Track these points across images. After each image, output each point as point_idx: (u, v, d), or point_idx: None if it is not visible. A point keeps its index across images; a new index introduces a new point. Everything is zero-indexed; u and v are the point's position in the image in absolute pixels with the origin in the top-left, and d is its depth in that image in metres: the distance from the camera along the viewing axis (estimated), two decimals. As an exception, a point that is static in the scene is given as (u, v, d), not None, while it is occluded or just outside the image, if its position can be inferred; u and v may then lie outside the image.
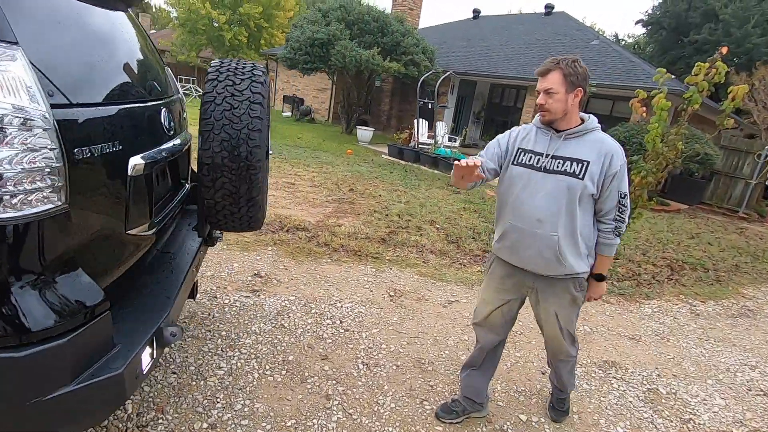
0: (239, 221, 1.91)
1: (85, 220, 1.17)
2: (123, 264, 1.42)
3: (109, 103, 1.28)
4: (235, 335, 2.63)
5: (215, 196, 1.78)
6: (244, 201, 1.82)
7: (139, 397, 2.02)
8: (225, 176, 1.74)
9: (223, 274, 3.43)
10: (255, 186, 1.80)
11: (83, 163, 1.13)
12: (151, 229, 1.56)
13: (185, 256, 1.87)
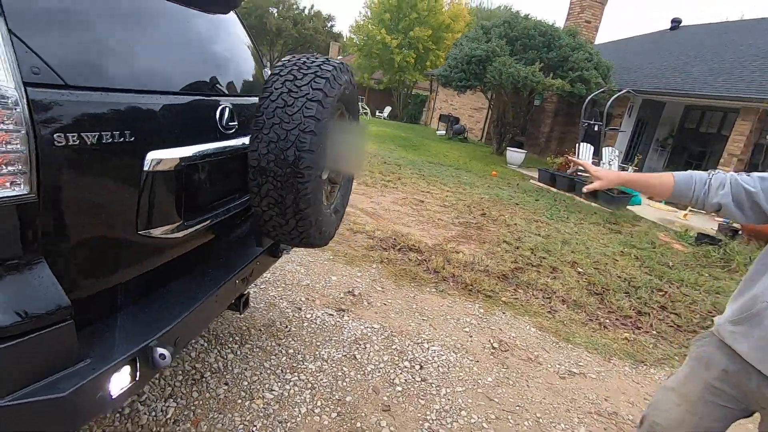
0: (290, 235, 1.67)
1: (69, 214, 1.05)
2: (133, 266, 1.29)
3: (125, 91, 1.16)
4: (301, 356, 2.43)
5: (261, 203, 1.57)
6: (290, 213, 1.57)
7: (184, 402, 1.95)
8: (270, 182, 1.51)
9: (318, 285, 3.32)
10: (303, 197, 1.53)
11: (71, 151, 1.00)
12: (181, 231, 1.41)
13: (230, 265, 1.72)
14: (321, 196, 1.69)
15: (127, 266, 1.26)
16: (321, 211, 1.71)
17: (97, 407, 1.07)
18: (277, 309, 2.87)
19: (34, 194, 0.95)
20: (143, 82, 1.23)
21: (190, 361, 2.22)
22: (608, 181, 1.53)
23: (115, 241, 1.20)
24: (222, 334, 2.49)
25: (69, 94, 1.01)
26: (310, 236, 1.69)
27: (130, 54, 1.22)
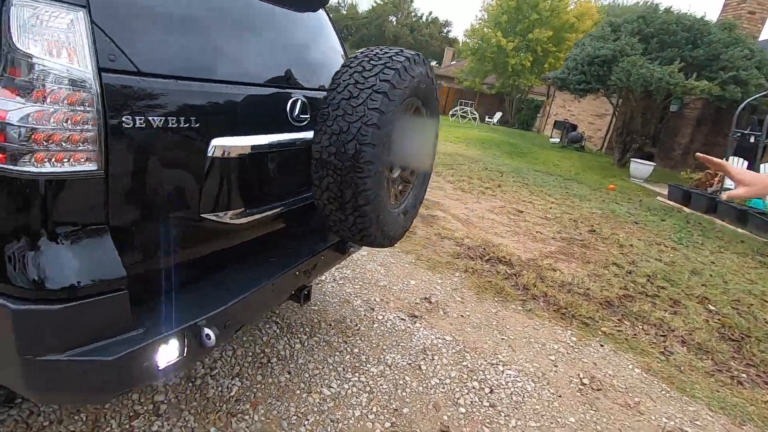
0: (349, 232, 1.63)
1: (133, 191, 1.13)
2: (194, 247, 1.36)
3: (192, 79, 1.21)
4: (365, 357, 2.39)
5: (322, 197, 1.55)
6: (350, 208, 1.52)
7: (248, 383, 2.04)
8: (330, 176, 1.48)
9: (396, 288, 3.26)
10: (362, 193, 1.47)
11: (138, 133, 1.08)
12: (242, 218, 1.46)
13: (293, 256, 1.73)
14: (384, 193, 1.61)
15: (187, 247, 1.33)
16: (384, 209, 1.63)
17: (143, 375, 1.13)
18: (350, 306, 2.88)
19: (102, 171, 1.04)
20: (212, 71, 1.28)
21: (261, 344, 2.32)
22: (759, 187, 1.12)
23: (177, 221, 1.27)
24: (294, 323, 2.56)
25: (140, 80, 1.08)
26: (371, 235, 1.62)
27: (201, 44, 1.28)
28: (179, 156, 1.21)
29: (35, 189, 0.96)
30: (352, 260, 3.56)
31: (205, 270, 1.45)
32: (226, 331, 1.35)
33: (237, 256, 1.56)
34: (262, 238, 1.66)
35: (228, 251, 1.51)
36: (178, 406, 1.84)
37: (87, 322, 1.04)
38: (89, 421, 1.69)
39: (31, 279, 0.97)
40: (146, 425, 1.72)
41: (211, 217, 1.35)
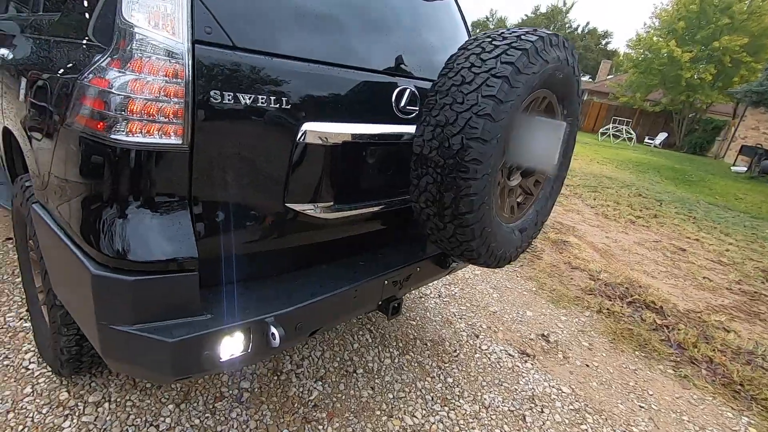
0: (448, 243, 1.39)
1: (216, 170, 1.09)
2: (274, 237, 1.28)
3: (288, 58, 1.14)
4: (459, 391, 2.09)
5: (419, 199, 1.35)
6: (449, 216, 1.29)
7: (329, 390, 1.93)
8: (430, 174, 1.27)
9: (508, 317, 2.86)
10: (464, 198, 1.23)
11: (225, 109, 1.03)
12: (330, 213, 1.34)
13: (385, 264, 1.56)
14: (494, 202, 1.33)
15: (267, 236, 1.26)
16: (492, 221, 1.35)
17: (202, 364, 1.07)
18: (451, 328, 2.60)
19: (187, 146, 1.01)
20: (309, 50, 1.19)
21: (350, 351, 2.21)
22: None
23: (259, 207, 1.21)
24: (388, 335, 2.40)
25: (233, 54, 1.04)
26: (472, 250, 1.36)
27: (301, 22, 1.20)
28: (267, 138, 1.14)
29: (126, 158, 0.97)
30: (462, 278, 3.27)
31: (283, 265, 1.37)
32: (296, 333, 1.24)
33: (320, 256, 1.46)
34: (350, 239, 1.53)
35: (311, 248, 1.41)
36: (260, 398, 1.82)
37: (156, 298, 1.02)
38: (182, 392, 1.77)
39: (114, 248, 0.97)
40: (227, 410, 1.73)
41: (297, 208, 1.26)
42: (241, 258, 1.21)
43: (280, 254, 1.34)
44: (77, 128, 1.00)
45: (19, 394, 1.63)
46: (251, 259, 1.25)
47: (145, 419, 1.62)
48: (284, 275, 1.35)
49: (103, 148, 0.96)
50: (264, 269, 1.31)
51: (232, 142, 1.08)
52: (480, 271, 3.46)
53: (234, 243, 1.18)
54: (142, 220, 1.00)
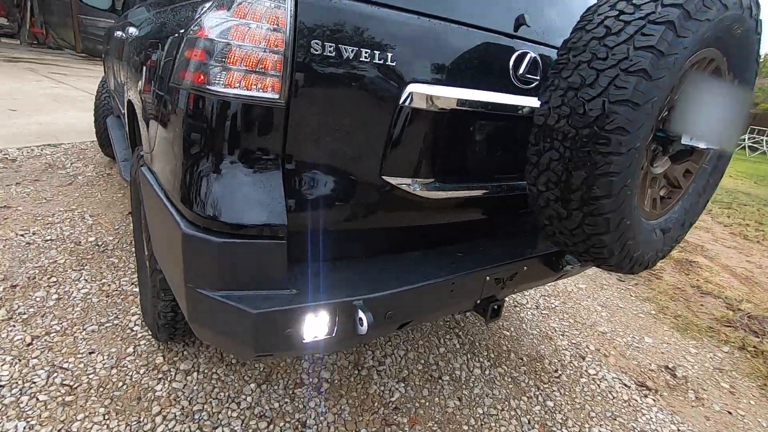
0: (572, 237, 1.14)
1: (311, 130, 0.99)
2: (367, 214, 1.15)
3: (400, 9, 1.00)
4: (562, 418, 1.79)
5: (538, 180, 1.13)
6: (576, 201, 1.05)
7: (412, 393, 1.77)
8: (555, 149, 1.05)
9: (621, 340, 2.44)
10: (600, 178, 0.99)
11: (325, 61, 0.93)
12: (430, 192, 1.18)
13: (487, 257, 1.36)
14: (635, 189, 1.06)
15: (359, 212, 1.13)
16: (631, 212, 1.08)
17: (283, 342, 0.98)
18: (551, 345, 2.28)
19: (283, 102, 0.93)
20: (421, 3, 1.04)
21: (436, 355, 2.02)
22: None
23: (353, 178, 1.09)
24: (478, 343, 2.17)
25: (337, 1, 0.93)
26: (603, 246, 1.10)
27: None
28: (368, 98, 1.02)
29: (223, 112, 0.91)
30: (563, 291, 2.89)
31: (374, 247, 1.23)
32: (385, 322, 1.10)
33: (414, 241, 1.30)
34: (448, 227, 1.35)
35: (405, 232, 1.26)
36: (339, 390, 1.72)
37: (243, 265, 0.95)
38: (264, 373, 1.74)
39: (204, 207, 0.92)
40: (306, 397, 1.66)
41: (394, 182, 1.12)
42: (329, 233, 1.11)
43: (371, 234, 1.21)
44: (179, 83, 0.97)
45: (122, 352, 1.73)
46: (340, 236, 1.14)
47: (228, 395, 1.61)
48: (374, 258, 1.22)
49: (201, 101, 0.92)
50: (353, 249, 1.19)
51: (330, 100, 0.98)
52: (585, 284, 3.04)
53: (323, 215, 1.07)
54: (234, 180, 0.94)
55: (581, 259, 1.23)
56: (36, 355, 1.65)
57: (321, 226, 1.07)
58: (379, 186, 1.11)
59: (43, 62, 9.23)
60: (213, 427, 1.48)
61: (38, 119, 4.75)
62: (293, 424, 1.54)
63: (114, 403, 1.51)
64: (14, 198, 2.92)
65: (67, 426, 1.40)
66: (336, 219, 1.09)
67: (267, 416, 1.56)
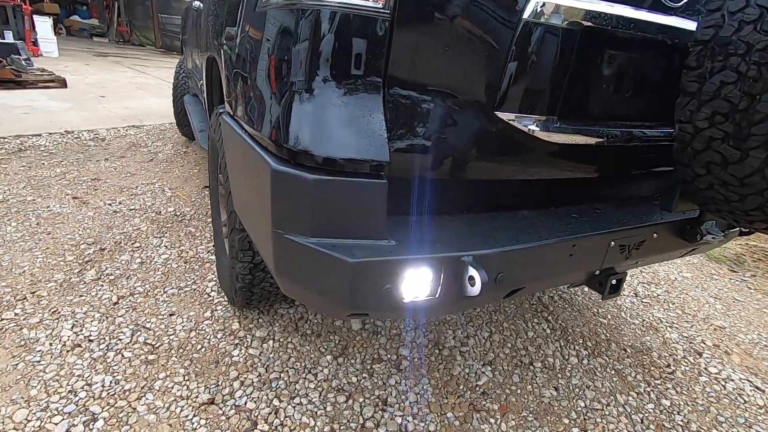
0: (740, 190, 0.89)
1: (419, 49, 0.83)
2: (478, 158, 0.98)
3: None
4: (683, 421, 1.51)
5: (697, 113, 0.89)
6: (759, 136, 0.80)
7: (501, 378, 1.58)
8: (731, 67, 0.81)
9: (744, 337, 2.07)
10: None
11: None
12: (550, 133, 0.98)
13: (610, 220, 1.13)
14: None
15: (467, 155, 0.96)
16: None
17: (381, 300, 0.84)
18: (659, 336, 1.97)
19: (388, 11, 0.78)
20: None
21: (524, 339, 1.81)
22: None
23: (462, 110, 0.91)
24: (572, 330, 1.92)
25: None
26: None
27: None
28: (485, 10, 0.84)
29: (316, 24, 0.78)
30: (665, 278, 2.53)
31: (486, 200, 1.06)
32: (495, 286, 0.92)
33: (530, 197, 1.11)
34: (568, 183, 1.14)
35: (521, 186, 1.07)
36: (420, 370, 1.58)
37: (338, 207, 0.82)
38: (340, 345, 1.64)
39: (295, 138, 0.80)
40: (386, 374, 1.54)
41: (509, 118, 0.93)
42: (435, 181, 0.95)
43: (481, 186, 1.03)
44: (266, 3, 0.85)
45: (200, 316, 1.71)
46: (446, 186, 0.97)
47: (304, 365, 1.53)
48: (481, 213, 1.05)
49: (292, 17, 0.79)
50: (458, 200, 1.03)
51: (441, 14, 0.81)
52: (690, 273, 2.65)
53: (428, 157, 0.91)
54: (328, 107, 0.81)
55: (746, 221, 0.97)
56: (121, 314, 1.67)
57: (427, 168, 0.91)
58: (492, 124, 0.93)
59: (128, 56, 9.96)
60: (290, 396, 1.40)
61: (124, 104, 5.06)
62: (373, 400, 1.42)
63: (193, 365, 1.47)
64: (103, 172, 3.09)
65: (150, 383, 1.38)
66: (442, 162, 0.93)
67: (345, 390, 1.45)
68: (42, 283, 1.80)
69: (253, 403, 1.36)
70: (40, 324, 1.58)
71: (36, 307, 1.66)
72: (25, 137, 3.71)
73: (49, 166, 3.12)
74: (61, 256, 2.01)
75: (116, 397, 1.32)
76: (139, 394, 1.34)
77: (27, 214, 2.36)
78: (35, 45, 8.02)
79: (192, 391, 1.37)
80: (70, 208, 2.50)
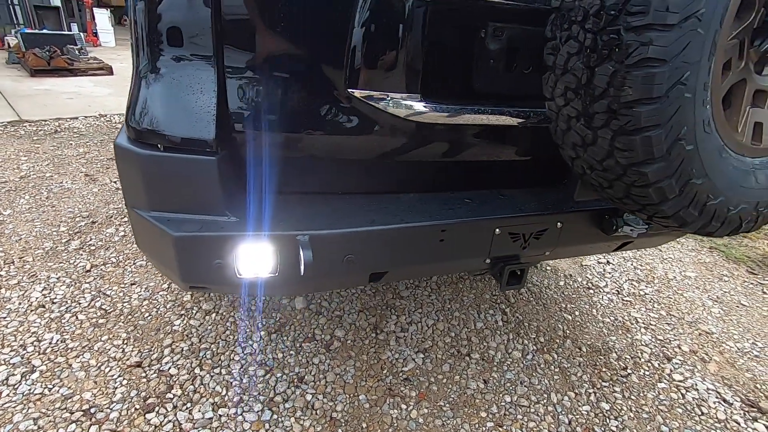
0: (604, 176, 0.81)
1: (254, 15, 0.82)
2: (338, 141, 0.96)
3: None
4: (615, 425, 1.41)
5: (555, 88, 0.81)
6: (601, 114, 0.72)
7: (431, 365, 1.56)
8: (574, 36, 0.73)
9: (732, 345, 1.87)
10: (636, 73, 0.65)
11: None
12: (415, 114, 0.94)
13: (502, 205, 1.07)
14: (706, 95, 0.69)
15: (324, 133, 0.94)
16: (695, 135, 0.71)
17: (213, 275, 0.86)
18: (627, 338, 1.83)
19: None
20: None
21: (470, 330, 1.76)
22: None
23: (311, 88, 0.90)
24: (527, 323, 1.84)
25: None
26: (648, 186, 0.75)
27: None
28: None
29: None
30: (662, 277, 2.32)
31: (354, 181, 1.03)
32: (343, 267, 0.91)
33: (423, 177, 1.07)
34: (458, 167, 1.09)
35: (411, 166, 1.03)
36: (349, 351, 1.59)
37: (170, 182, 0.84)
38: (279, 323, 1.69)
39: (132, 115, 0.83)
40: (313, 353, 1.56)
41: (363, 97, 0.90)
42: (291, 160, 0.94)
43: (346, 166, 1.01)
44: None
45: (158, 287, 1.83)
46: (305, 164, 0.96)
47: (236, 338, 1.59)
48: (350, 196, 1.03)
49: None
50: (320, 181, 1.01)
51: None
52: (695, 272, 2.41)
53: (278, 136, 0.91)
54: (158, 84, 0.83)
55: (626, 208, 0.87)
56: (89, 281, 1.83)
57: (278, 147, 0.91)
58: (346, 101, 0.90)
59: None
60: (212, 366, 1.47)
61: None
62: (290, 377, 1.46)
63: (136, 331, 1.59)
64: (119, 152, 3.34)
65: (91, 344, 1.51)
66: (295, 141, 0.92)
67: (267, 365, 1.50)
68: (32, 250, 2.01)
69: (176, 370, 1.44)
70: (17, 285, 1.77)
71: (19, 271, 1.86)
72: (63, 120, 4.08)
73: (75, 146, 3.42)
74: (56, 227, 2.22)
75: (58, 353, 1.46)
76: (78, 352, 1.47)
77: (41, 189, 2.63)
78: (95, 35, 8.73)
79: (126, 354, 1.48)
80: (79, 184, 2.74)
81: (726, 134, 0.77)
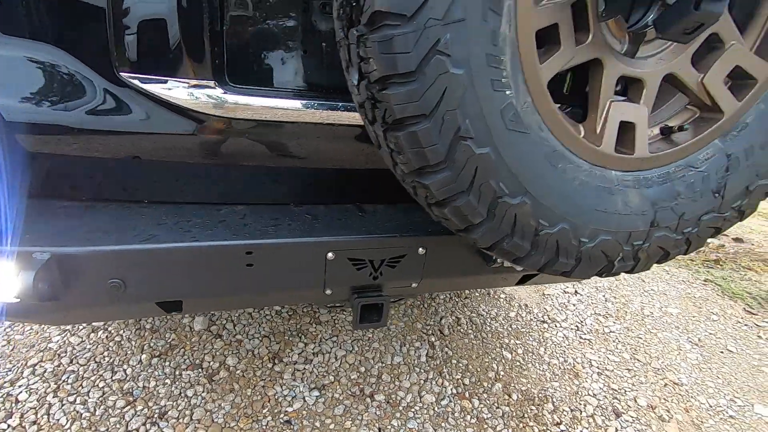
0: (409, 189, 0.60)
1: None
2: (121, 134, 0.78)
3: None
4: (528, 498, 1.15)
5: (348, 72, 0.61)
6: (369, 102, 0.51)
7: (321, 408, 1.34)
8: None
9: (702, 400, 1.56)
10: (378, 46, 0.44)
11: None
12: (213, 107, 0.76)
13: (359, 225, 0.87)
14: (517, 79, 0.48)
15: (97, 128, 0.76)
16: (499, 135, 0.50)
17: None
18: (572, 385, 1.56)
19: None
20: None
21: (385, 365, 1.53)
22: None
23: (76, 72, 0.73)
24: (456, 361, 1.59)
25: None
26: (463, 215, 0.54)
27: None
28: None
29: None
30: (638, 313, 2.02)
31: (142, 188, 0.85)
32: (110, 294, 0.73)
33: (253, 186, 0.88)
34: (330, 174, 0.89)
35: (202, 171, 0.85)
36: (234, 383, 1.39)
37: None
38: (169, 344, 1.52)
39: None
40: (190, 383, 1.37)
41: (138, 82, 0.72)
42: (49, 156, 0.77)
43: (133, 169, 0.82)
44: None
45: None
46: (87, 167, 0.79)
47: (112, 361, 1.42)
48: (154, 206, 0.85)
49: None
50: (92, 186, 0.82)
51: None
52: (678, 309, 2.10)
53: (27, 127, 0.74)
54: None
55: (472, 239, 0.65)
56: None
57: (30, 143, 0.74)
58: (119, 88, 0.73)
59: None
60: (69, 393, 1.30)
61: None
62: (153, 410, 1.28)
63: (9, 345, 1.45)
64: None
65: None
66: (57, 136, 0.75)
67: (133, 395, 1.32)
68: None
69: (27, 395, 1.28)
70: None
71: None
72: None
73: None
74: None
75: None
76: (-70, 368, 1.34)
77: None
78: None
79: (-17, 373, 1.34)
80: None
81: (565, 136, 0.55)
